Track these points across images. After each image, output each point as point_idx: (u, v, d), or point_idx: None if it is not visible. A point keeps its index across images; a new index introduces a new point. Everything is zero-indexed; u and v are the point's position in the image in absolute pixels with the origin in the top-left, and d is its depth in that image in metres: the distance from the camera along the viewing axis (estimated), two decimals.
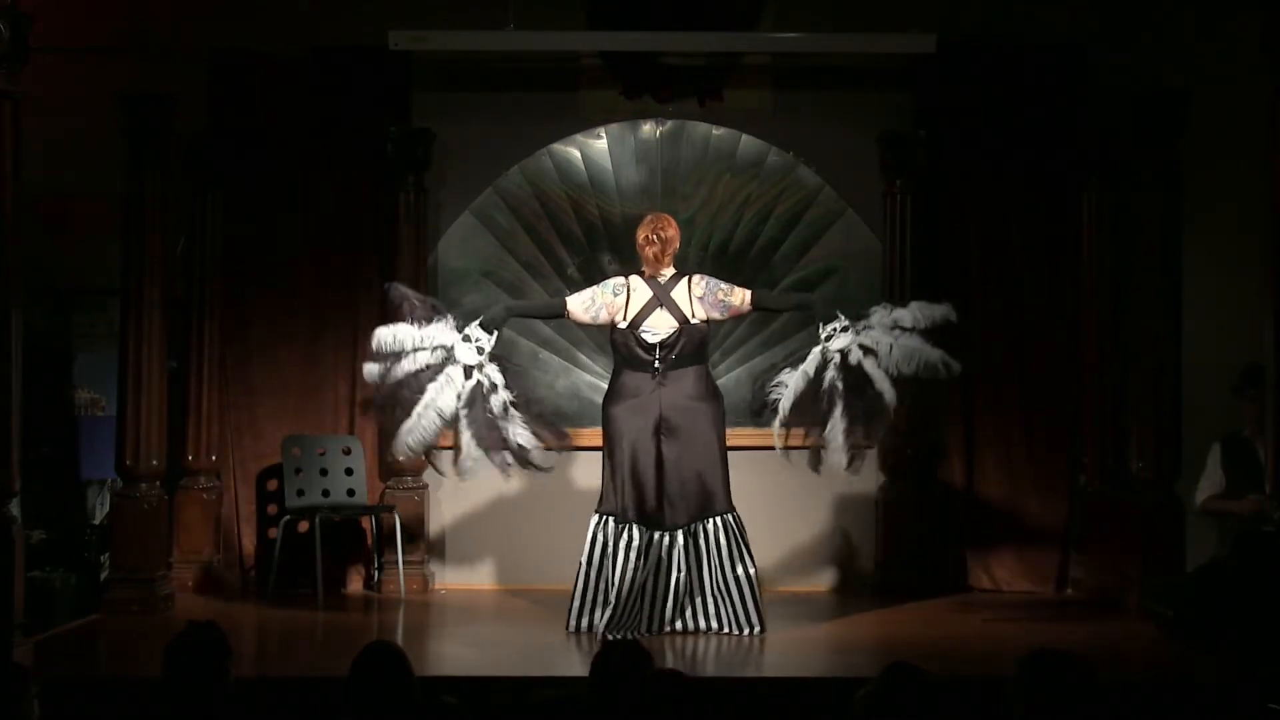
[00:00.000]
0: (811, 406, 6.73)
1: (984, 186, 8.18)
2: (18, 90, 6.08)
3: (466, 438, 6.72)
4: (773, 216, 8.32)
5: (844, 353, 6.71)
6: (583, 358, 8.33)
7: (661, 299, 6.87)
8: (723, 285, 6.94)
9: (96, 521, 8.23)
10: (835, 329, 6.75)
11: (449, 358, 6.76)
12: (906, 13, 7.91)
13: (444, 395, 6.71)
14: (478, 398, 6.73)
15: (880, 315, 6.77)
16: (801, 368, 6.75)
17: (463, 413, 6.71)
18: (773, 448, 8.20)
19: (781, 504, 8.23)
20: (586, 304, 6.97)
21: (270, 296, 8.18)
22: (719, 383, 8.02)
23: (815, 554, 8.26)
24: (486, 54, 8.15)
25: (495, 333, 6.87)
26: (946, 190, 8.21)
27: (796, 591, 8.01)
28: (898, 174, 8.12)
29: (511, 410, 6.75)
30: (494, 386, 6.76)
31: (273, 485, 8.18)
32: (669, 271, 6.92)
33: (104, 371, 8.04)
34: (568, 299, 7.10)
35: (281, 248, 8.18)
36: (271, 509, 8.16)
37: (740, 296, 6.93)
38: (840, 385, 6.67)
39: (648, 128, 8.34)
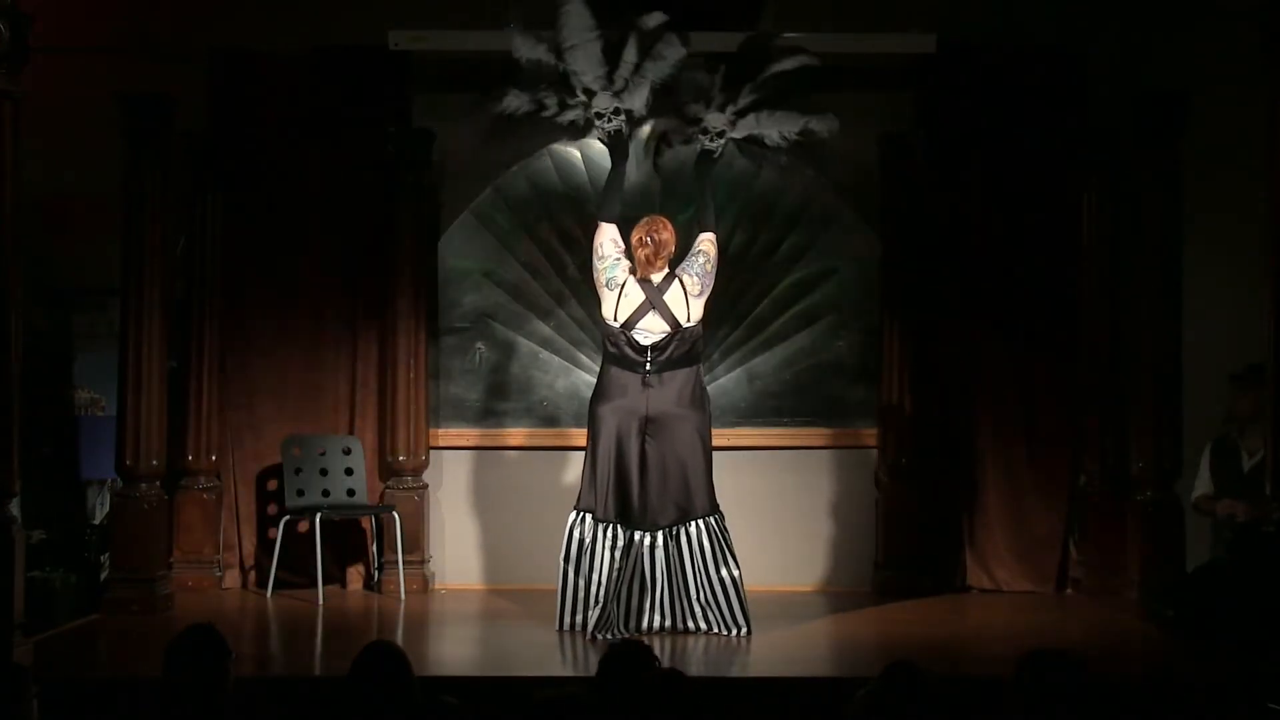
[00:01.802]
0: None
1: (984, 186, 8.18)
2: (18, 90, 6.07)
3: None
4: (772, 217, 8.31)
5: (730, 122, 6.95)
6: (583, 358, 8.33)
7: (654, 302, 6.85)
8: (697, 259, 6.90)
9: (96, 521, 8.23)
10: (704, 144, 6.96)
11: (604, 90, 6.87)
12: (906, 13, 7.91)
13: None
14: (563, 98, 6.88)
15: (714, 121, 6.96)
16: (767, 130, 6.95)
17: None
18: (773, 447, 8.28)
19: (781, 504, 8.25)
20: (601, 253, 6.90)
21: (270, 296, 8.19)
22: (718, 383, 8.07)
23: (814, 554, 8.26)
24: (486, 54, 8.14)
25: (605, 139, 6.98)
26: (946, 190, 8.21)
27: (795, 591, 8.01)
28: (898, 174, 8.12)
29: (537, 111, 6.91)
30: (565, 107, 6.88)
31: (273, 485, 8.18)
32: (663, 273, 6.90)
33: (104, 371, 8.03)
34: (612, 225, 6.95)
35: (281, 248, 8.18)
36: (271, 509, 8.17)
37: (707, 244, 6.92)
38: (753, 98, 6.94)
39: (648, 128, 8.32)
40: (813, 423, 8.34)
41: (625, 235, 6.95)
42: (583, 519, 6.86)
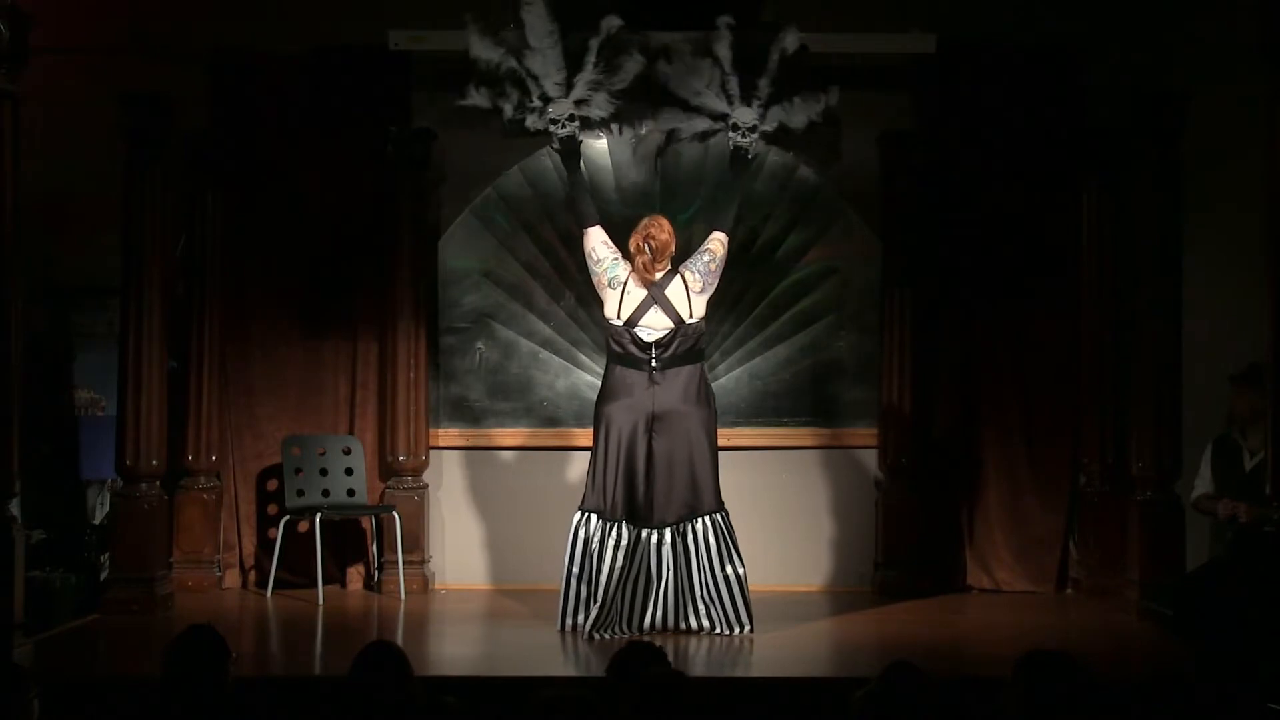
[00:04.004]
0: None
1: (984, 186, 8.18)
2: (18, 90, 6.08)
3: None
4: (773, 217, 8.31)
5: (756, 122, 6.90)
6: (583, 358, 8.33)
7: (656, 298, 6.86)
8: (703, 258, 6.92)
9: (96, 521, 8.23)
10: (736, 140, 6.90)
11: (570, 87, 6.84)
12: (906, 13, 7.91)
13: (548, 57, 6.81)
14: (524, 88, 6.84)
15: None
16: (791, 118, 6.89)
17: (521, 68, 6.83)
18: (773, 447, 8.29)
19: (781, 504, 8.25)
20: (596, 257, 6.93)
21: (270, 296, 8.19)
22: (719, 383, 8.06)
23: (815, 554, 8.26)
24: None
25: (558, 147, 6.95)
26: (946, 190, 8.21)
27: (796, 591, 8.01)
28: (898, 174, 8.12)
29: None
30: (528, 107, 6.86)
31: (273, 485, 8.18)
32: (664, 270, 6.91)
33: (104, 371, 8.03)
34: (596, 228, 6.99)
35: (281, 248, 8.18)
36: (271, 509, 8.17)
37: (717, 244, 6.92)
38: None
39: (650, 126, 8.32)
40: (813, 423, 8.34)
41: (613, 236, 6.96)
42: (587, 519, 6.86)
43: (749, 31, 6.97)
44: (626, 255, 6.97)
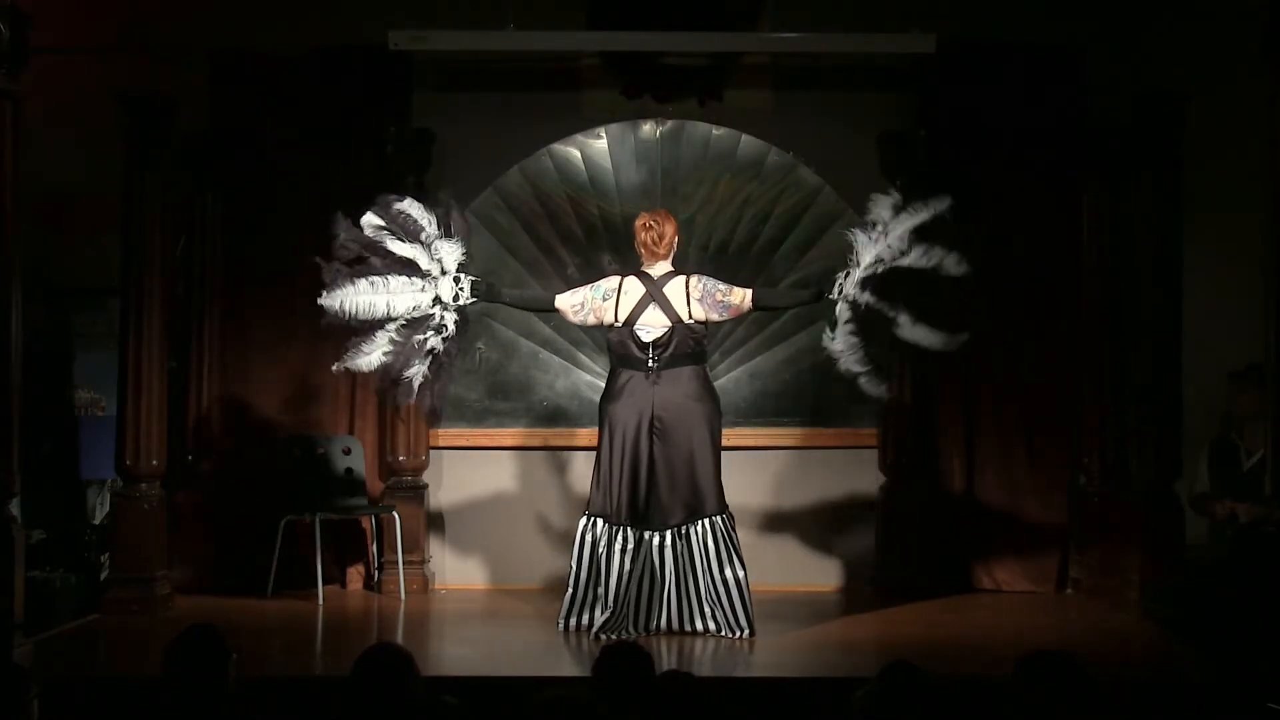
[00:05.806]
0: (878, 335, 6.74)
1: (984, 186, 8.17)
2: (18, 90, 6.08)
3: (383, 340, 6.75)
4: (773, 216, 8.32)
5: (862, 282, 6.70)
6: (583, 358, 8.33)
7: (654, 296, 6.86)
8: (721, 286, 6.92)
9: (96, 521, 8.23)
10: (840, 280, 6.76)
11: (428, 276, 6.77)
12: (906, 13, 7.91)
13: (402, 296, 6.73)
14: (424, 324, 6.76)
15: (865, 246, 6.72)
16: (840, 330, 6.74)
17: (401, 321, 6.75)
18: (773, 447, 8.29)
19: (781, 504, 8.25)
20: (576, 306, 6.98)
21: (270, 296, 8.18)
22: (719, 383, 8.05)
23: (815, 554, 8.26)
24: (486, 54, 8.15)
25: (475, 298, 6.88)
26: (946, 190, 8.18)
27: (796, 591, 8.01)
28: (898, 174, 8.10)
29: (437, 359, 6.80)
30: (442, 328, 6.79)
31: (273, 485, 8.16)
32: (664, 268, 6.91)
33: (104, 371, 8.03)
34: (558, 296, 7.08)
35: (281, 248, 8.17)
36: (272, 509, 8.15)
37: (740, 296, 6.90)
38: (878, 297, 6.68)
39: (648, 128, 8.34)
40: (813, 423, 8.34)
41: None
42: (594, 524, 6.85)
43: (934, 243, 6.77)
44: (611, 271, 7.02)
